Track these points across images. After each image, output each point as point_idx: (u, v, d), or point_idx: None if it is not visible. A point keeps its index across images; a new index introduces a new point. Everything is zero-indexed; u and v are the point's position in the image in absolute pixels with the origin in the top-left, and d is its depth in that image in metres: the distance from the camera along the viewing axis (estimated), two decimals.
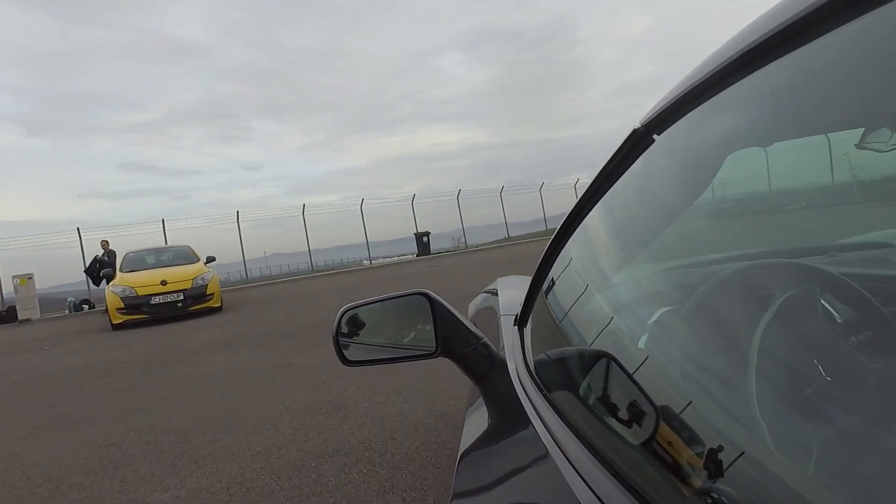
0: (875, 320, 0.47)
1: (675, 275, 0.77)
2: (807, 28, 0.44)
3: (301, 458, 2.89)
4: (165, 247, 13.45)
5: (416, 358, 1.00)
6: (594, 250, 0.95)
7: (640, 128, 0.74)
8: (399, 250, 24.11)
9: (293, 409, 3.75)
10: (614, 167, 0.81)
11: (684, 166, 0.73)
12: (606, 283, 0.88)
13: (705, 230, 0.74)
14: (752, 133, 0.60)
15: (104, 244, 13.83)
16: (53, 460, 3.37)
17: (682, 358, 0.63)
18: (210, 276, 11.05)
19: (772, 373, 0.49)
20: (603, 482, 0.55)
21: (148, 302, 10.26)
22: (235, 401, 4.16)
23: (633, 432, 0.60)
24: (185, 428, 3.64)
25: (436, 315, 0.97)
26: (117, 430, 3.78)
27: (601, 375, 0.73)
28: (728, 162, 0.64)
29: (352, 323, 1.04)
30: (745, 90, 0.54)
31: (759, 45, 0.49)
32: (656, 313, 0.73)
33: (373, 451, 2.85)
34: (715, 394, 0.55)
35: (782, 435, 0.44)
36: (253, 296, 14.13)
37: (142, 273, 10.92)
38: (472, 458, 0.87)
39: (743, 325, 0.55)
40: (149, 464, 3.08)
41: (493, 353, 1.01)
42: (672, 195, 0.76)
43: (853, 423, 0.41)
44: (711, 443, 0.50)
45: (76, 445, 3.58)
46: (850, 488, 0.38)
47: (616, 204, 0.85)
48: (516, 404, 0.87)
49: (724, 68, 0.55)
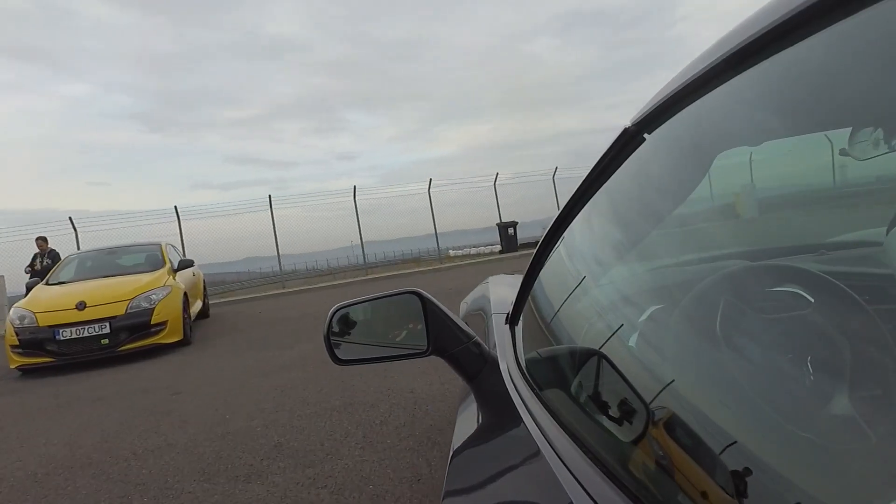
0: (862, 318, 0.48)
1: (666, 273, 0.77)
2: (796, 28, 0.44)
3: None
4: (125, 245, 9.09)
5: (408, 357, 1.00)
6: (585, 249, 0.95)
7: (631, 126, 0.74)
8: (477, 242, 19.76)
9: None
10: (605, 166, 0.81)
11: (674, 165, 0.74)
12: (597, 282, 0.88)
13: (695, 229, 0.75)
14: (741, 132, 0.60)
15: (41, 243, 9.60)
16: None
17: (673, 356, 0.63)
18: (165, 293, 6.86)
19: (761, 370, 0.49)
20: (594, 480, 0.56)
21: (53, 337, 6.25)
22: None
23: (624, 430, 0.61)
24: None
25: (427, 314, 0.97)
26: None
27: (592, 373, 0.73)
28: (718, 161, 0.65)
29: (343, 322, 1.03)
30: (735, 90, 0.55)
31: (750, 45, 0.49)
32: (647, 312, 0.73)
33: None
34: (705, 391, 0.55)
35: (772, 432, 0.45)
36: (292, 304, 10.45)
37: (56, 290, 7.07)
38: (464, 456, 0.87)
39: (732, 323, 0.55)
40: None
41: (485, 351, 1.01)
42: (662, 194, 0.77)
43: (841, 420, 0.41)
44: (702, 440, 0.50)
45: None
46: (839, 484, 0.39)
47: (607, 203, 0.86)
48: (508, 403, 0.87)
49: (714, 67, 0.55)
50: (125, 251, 8.63)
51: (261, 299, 12.75)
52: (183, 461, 3.00)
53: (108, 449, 3.36)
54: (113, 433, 3.66)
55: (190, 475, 2.81)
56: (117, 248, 8.89)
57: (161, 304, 6.71)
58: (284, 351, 5.76)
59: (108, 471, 3.01)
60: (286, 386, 4.33)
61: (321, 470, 2.67)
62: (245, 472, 2.76)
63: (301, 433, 3.22)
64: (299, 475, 2.64)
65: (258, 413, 3.70)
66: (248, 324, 8.48)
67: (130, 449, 3.30)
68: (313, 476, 2.62)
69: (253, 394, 4.23)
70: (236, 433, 3.35)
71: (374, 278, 14.51)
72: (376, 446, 2.87)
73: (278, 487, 2.54)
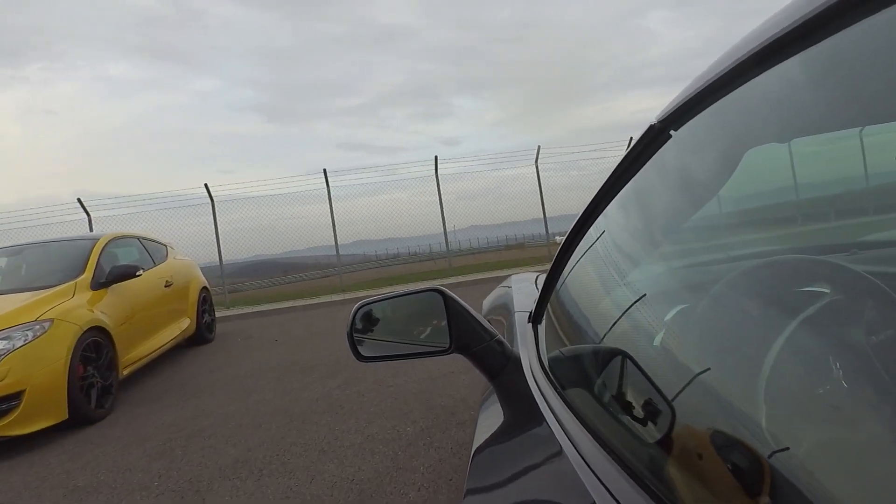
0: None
1: (692, 272, 0.76)
2: (826, 23, 0.43)
3: None
4: (42, 242, 5.57)
5: (430, 354, 1.00)
6: (610, 247, 0.94)
7: (657, 123, 0.73)
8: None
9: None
10: (630, 163, 0.81)
11: (701, 163, 0.73)
12: (622, 281, 0.87)
13: (722, 227, 0.74)
14: (770, 129, 0.59)
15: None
16: None
17: (699, 356, 0.62)
18: (28, 337, 3.62)
19: (790, 372, 0.48)
20: (617, 480, 0.55)
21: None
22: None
23: (648, 430, 0.60)
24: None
25: (450, 312, 0.97)
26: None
27: (616, 373, 0.73)
28: (746, 158, 0.64)
29: (366, 319, 1.04)
30: (762, 86, 0.54)
31: (778, 41, 0.48)
32: (672, 311, 0.72)
33: None
34: (731, 393, 0.54)
35: (801, 435, 0.44)
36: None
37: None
38: (486, 454, 0.88)
39: (761, 323, 0.54)
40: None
41: (507, 349, 1.01)
42: (689, 192, 0.76)
43: (873, 424, 0.40)
44: (727, 442, 0.50)
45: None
46: (872, 490, 0.38)
47: (632, 200, 0.85)
48: (530, 401, 0.87)
49: (741, 64, 0.54)
50: (41, 248, 5.33)
51: (311, 308, 9.37)
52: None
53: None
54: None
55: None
56: (31, 244, 5.51)
57: (14, 358, 3.51)
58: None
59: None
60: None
61: None
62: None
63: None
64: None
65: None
66: (239, 370, 5.11)
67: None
68: None
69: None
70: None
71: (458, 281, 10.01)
72: None
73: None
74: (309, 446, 3.03)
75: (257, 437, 3.28)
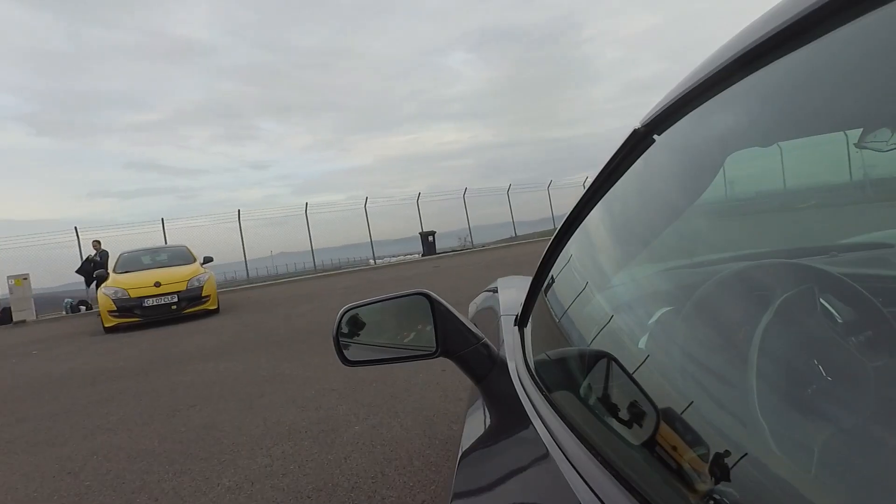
0: (875, 320, 0.48)
1: (676, 275, 0.77)
2: (807, 28, 0.44)
3: (275, 498, 2.55)
4: (161, 247, 13.04)
5: (417, 358, 1.00)
6: (594, 250, 0.95)
7: (641, 128, 0.74)
8: (405, 249, 23.56)
9: (275, 431, 3.45)
10: (615, 167, 0.81)
11: (684, 166, 0.74)
12: (607, 284, 0.88)
13: (705, 230, 0.75)
14: (752, 133, 0.60)
15: (95, 244, 13.74)
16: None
17: (683, 358, 0.63)
18: (206, 277, 10.68)
19: (773, 373, 0.49)
20: (603, 482, 0.55)
21: (141, 304, 9.88)
22: (215, 419, 3.86)
23: (634, 432, 0.61)
24: (153, 452, 3.33)
25: (436, 315, 0.97)
26: (80, 454, 3.47)
27: (601, 376, 0.73)
28: (728, 162, 0.65)
29: (352, 323, 1.04)
30: (745, 90, 0.55)
31: (760, 45, 0.49)
32: (657, 313, 0.73)
33: (359, 492, 2.49)
34: (716, 394, 0.55)
35: (784, 435, 0.45)
36: (253, 297, 13.71)
37: (135, 274, 10.56)
38: (473, 457, 0.87)
39: (743, 325, 0.55)
40: (101, 500, 2.76)
41: (494, 353, 1.01)
42: (672, 195, 0.77)
43: (854, 423, 0.41)
44: (712, 443, 0.50)
45: (32, 471, 3.28)
46: (852, 488, 0.38)
47: (616, 204, 0.86)
48: (516, 404, 0.87)
49: (724, 68, 0.55)
50: (163, 251, 12.21)
51: None
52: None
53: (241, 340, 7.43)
54: (223, 338, 7.68)
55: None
56: (155, 248, 12.64)
57: (206, 284, 10.59)
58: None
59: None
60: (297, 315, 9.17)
61: None
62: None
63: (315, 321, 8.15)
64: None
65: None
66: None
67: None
68: None
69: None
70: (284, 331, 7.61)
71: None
72: None
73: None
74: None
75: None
